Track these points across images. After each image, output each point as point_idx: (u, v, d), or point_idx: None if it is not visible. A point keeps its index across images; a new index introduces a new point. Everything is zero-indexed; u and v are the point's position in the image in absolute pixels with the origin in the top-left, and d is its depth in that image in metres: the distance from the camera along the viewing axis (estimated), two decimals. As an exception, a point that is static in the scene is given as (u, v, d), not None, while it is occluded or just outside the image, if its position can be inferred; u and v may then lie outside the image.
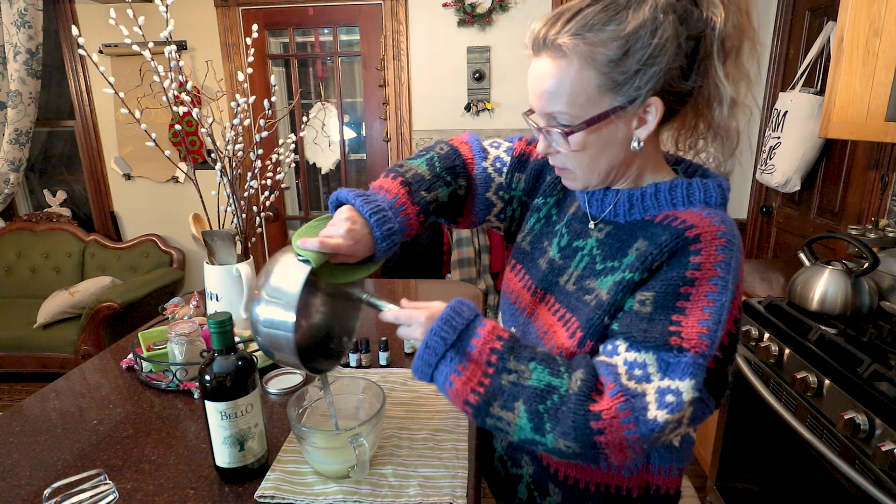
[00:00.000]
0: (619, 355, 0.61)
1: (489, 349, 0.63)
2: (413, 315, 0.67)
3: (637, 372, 0.59)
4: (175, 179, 3.12)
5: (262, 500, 0.74)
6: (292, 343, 0.64)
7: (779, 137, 2.13)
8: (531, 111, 0.68)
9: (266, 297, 0.65)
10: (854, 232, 1.55)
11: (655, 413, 0.57)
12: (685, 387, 0.57)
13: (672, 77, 0.60)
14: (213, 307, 1.18)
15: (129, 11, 1.10)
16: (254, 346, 1.10)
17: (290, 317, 0.63)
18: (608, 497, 0.74)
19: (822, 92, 1.99)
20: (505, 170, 0.86)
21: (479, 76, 2.75)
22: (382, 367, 1.12)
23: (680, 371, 0.57)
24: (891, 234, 1.53)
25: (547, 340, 0.71)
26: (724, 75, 0.60)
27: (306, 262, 0.65)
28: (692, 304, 0.58)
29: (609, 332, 0.64)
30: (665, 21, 0.57)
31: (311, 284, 0.66)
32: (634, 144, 0.63)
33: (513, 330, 0.78)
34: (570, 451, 0.59)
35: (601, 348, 0.65)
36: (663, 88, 0.60)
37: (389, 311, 0.69)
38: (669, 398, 0.57)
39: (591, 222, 0.73)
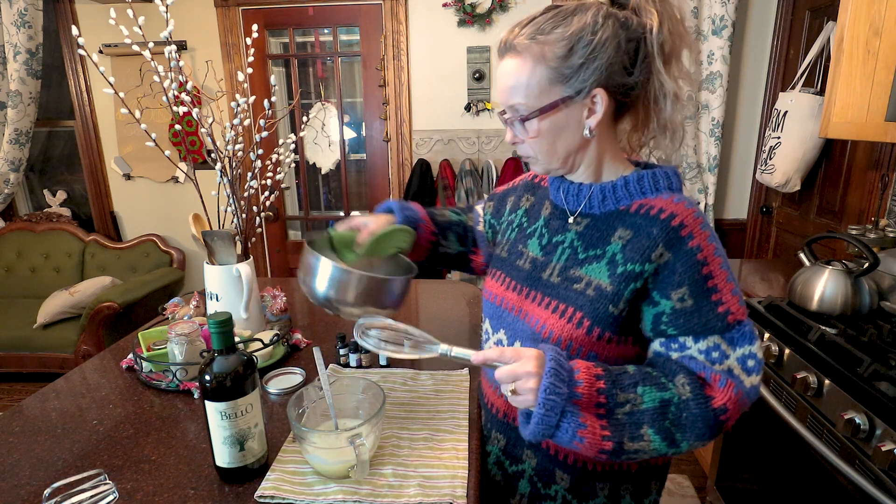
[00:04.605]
0: (691, 348, 0.68)
1: (595, 391, 0.65)
2: (515, 358, 0.66)
3: (715, 355, 0.67)
4: (175, 179, 3.12)
5: (262, 500, 0.74)
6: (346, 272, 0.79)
7: (779, 137, 2.13)
8: (504, 110, 0.77)
9: (314, 280, 0.80)
10: (854, 232, 1.55)
11: (749, 380, 0.67)
12: (755, 348, 0.68)
13: (615, 72, 0.69)
14: (213, 307, 1.18)
15: (129, 11, 1.10)
16: (254, 346, 1.10)
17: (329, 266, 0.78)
18: (612, 474, 0.79)
19: (822, 92, 1.99)
20: (482, 213, 1.03)
21: (479, 76, 2.75)
22: (382, 367, 1.13)
23: (747, 338, 0.68)
24: (891, 234, 1.53)
25: (546, 333, 0.74)
26: (665, 74, 0.70)
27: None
28: (718, 279, 0.67)
29: (662, 334, 0.70)
30: (605, 24, 0.67)
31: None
32: (586, 132, 0.72)
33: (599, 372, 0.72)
34: (703, 446, 0.69)
35: (664, 349, 0.70)
36: (608, 82, 0.69)
37: (478, 355, 0.68)
38: (751, 363, 0.67)
39: (571, 217, 0.80)
